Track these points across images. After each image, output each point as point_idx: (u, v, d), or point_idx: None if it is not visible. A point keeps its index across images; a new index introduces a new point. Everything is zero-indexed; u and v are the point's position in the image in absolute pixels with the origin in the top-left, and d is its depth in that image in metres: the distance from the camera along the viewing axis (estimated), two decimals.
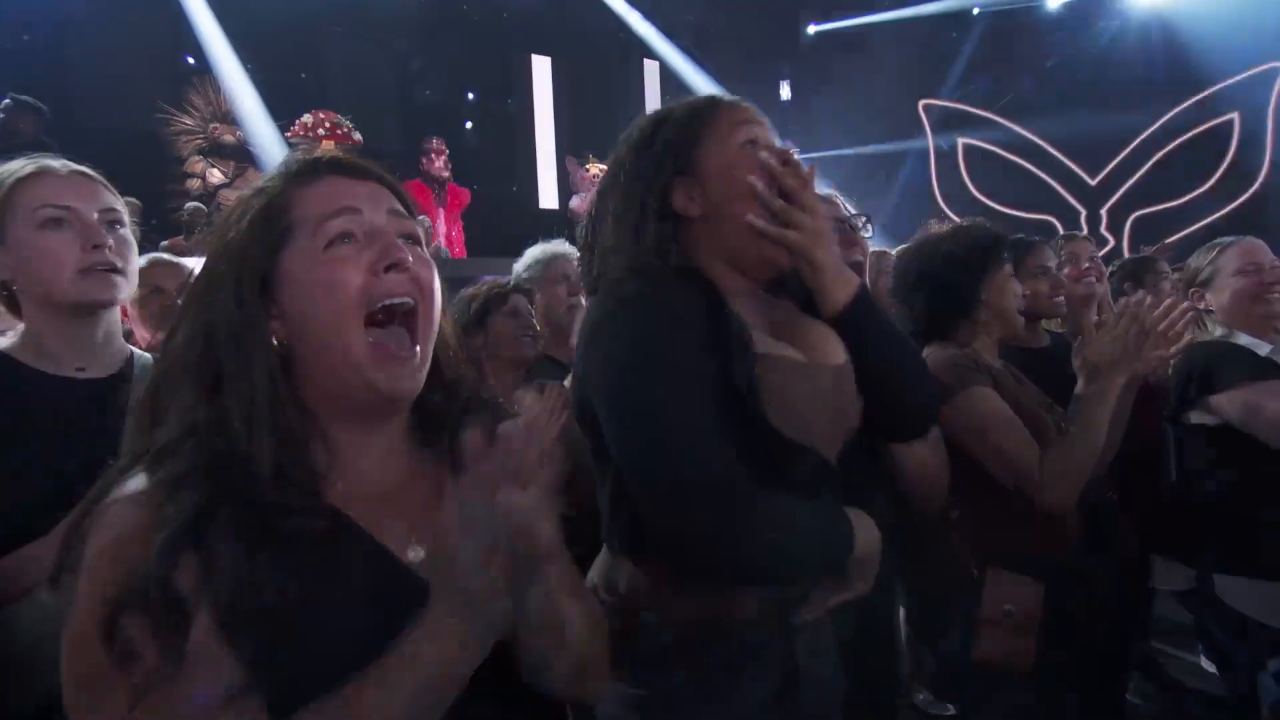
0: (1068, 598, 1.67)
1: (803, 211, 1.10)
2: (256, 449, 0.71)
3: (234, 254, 0.77)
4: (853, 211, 1.89)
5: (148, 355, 1.39)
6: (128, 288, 1.31)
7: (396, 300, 0.79)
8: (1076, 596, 1.69)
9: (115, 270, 1.27)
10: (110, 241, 1.26)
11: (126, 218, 1.34)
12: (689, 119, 1.14)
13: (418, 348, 0.80)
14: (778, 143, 1.17)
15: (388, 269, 0.78)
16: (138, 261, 1.36)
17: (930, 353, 1.82)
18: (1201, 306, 2.12)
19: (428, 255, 0.84)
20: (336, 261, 0.77)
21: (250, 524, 0.68)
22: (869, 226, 1.88)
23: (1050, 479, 1.60)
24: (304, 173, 0.81)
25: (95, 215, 1.27)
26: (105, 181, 1.32)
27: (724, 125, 1.13)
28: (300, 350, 0.77)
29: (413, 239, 0.82)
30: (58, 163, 1.29)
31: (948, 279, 1.84)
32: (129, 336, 2.02)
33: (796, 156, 1.14)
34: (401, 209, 0.84)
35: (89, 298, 1.25)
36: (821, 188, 1.86)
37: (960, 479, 1.72)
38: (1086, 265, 2.58)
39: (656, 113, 1.18)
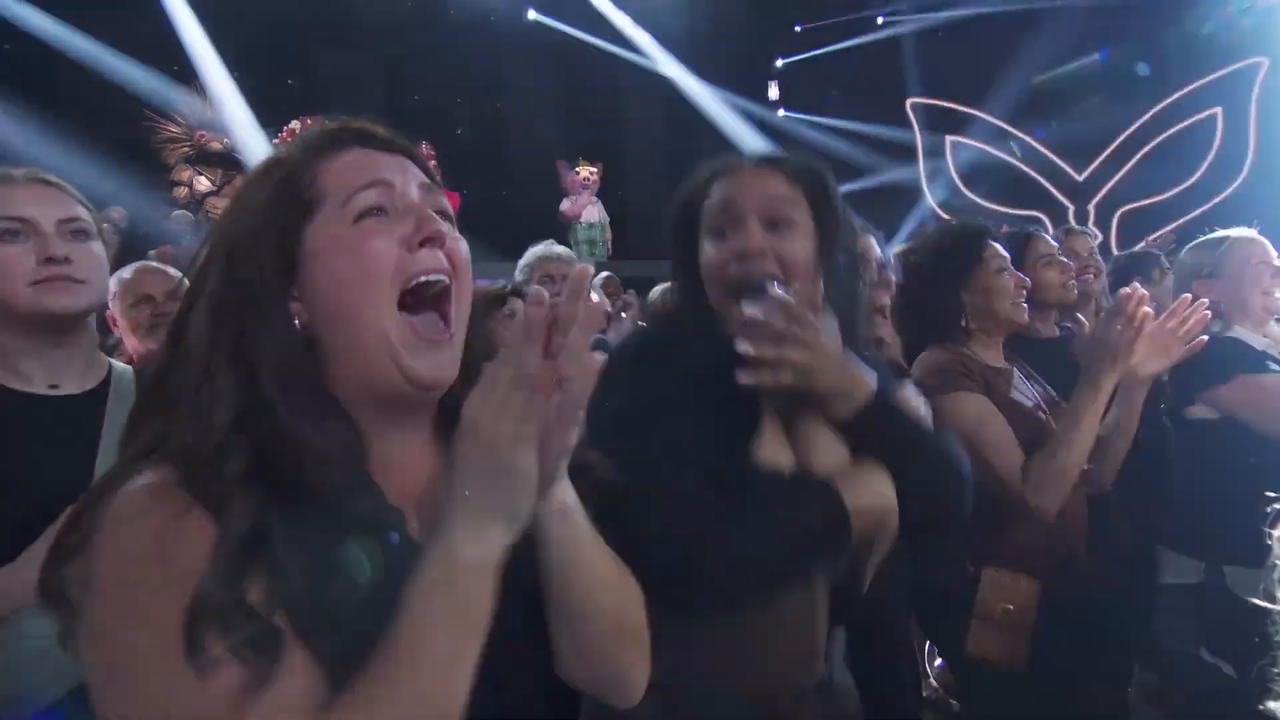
0: (1068, 591, 1.66)
1: (801, 336, 1.02)
2: (308, 437, 0.66)
3: (253, 231, 0.71)
4: (886, 252, 1.84)
5: (128, 368, 1.35)
6: (92, 297, 1.27)
7: (431, 278, 0.73)
8: (1077, 590, 1.67)
9: (74, 280, 1.22)
10: (67, 252, 1.21)
11: (93, 226, 1.29)
12: (691, 209, 1.15)
13: (452, 330, 0.75)
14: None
15: (422, 243, 0.72)
16: (106, 270, 1.31)
17: (924, 356, 1.80)
18: (1210, 298, 2.11)
19: (458, 234, 0.78)
20: (368, 235, 0.71)
21: (311, 523, 0.64)
22: (900, 270, 1.83)
23: (1034, 483, 1.58)
24: (328, 143, 0.75)
25: (53, 225, 1.22)
26: (70, 189, 1.27)
27: (716, 226, 1.11)
28: (324, 335, 0.71)
29: (445, 215, 0.77)
30: (19, 171, 1.24)
31: (921, 291, 1.81)
32: (116, 348, 1.98)
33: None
34: (431, 183, 0.78)
35: (43, 308, 1.20)
36: (861, 225, 1.82)
37: None
38: (1087, 264, 2.57)
39: (692, 179, 1.18)
